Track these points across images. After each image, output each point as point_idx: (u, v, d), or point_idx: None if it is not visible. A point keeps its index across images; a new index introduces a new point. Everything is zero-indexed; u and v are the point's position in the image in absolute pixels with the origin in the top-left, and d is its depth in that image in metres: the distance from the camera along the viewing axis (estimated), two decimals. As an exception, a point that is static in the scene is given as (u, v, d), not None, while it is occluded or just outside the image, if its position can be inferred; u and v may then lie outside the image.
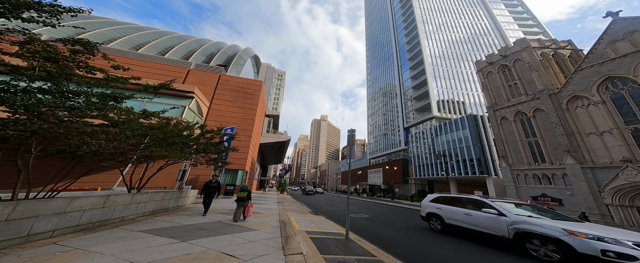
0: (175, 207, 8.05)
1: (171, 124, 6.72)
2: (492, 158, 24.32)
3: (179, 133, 6.84)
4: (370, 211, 12.91)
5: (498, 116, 22.14)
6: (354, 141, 6.22)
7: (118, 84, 4.79)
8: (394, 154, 49.08)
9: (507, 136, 20.91)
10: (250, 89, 26.34)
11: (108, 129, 4.71)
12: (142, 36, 34.44)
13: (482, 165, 23.67)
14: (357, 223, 8.67)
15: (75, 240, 3.63)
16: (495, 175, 23.38)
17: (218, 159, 9.15)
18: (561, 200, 16.03)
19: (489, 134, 25.94)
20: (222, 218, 6.72)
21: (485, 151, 24.68)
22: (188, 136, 7.34)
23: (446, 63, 47.55)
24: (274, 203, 14.45)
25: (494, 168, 23.76)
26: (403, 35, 58.61)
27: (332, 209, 14.21)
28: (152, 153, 5.49)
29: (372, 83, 72.40)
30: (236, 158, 22.04)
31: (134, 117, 5.36)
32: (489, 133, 26.05)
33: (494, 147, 25.21)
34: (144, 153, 5.47)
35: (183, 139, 7.01)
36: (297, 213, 10.26)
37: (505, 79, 23.13)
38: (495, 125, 21.91)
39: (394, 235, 6.93)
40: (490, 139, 25.65)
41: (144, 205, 6.12)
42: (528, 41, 22.39)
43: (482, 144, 25.18)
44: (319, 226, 7.05)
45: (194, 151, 7.64)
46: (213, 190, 7.23)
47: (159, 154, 5.64)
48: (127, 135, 4.92)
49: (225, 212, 8.13)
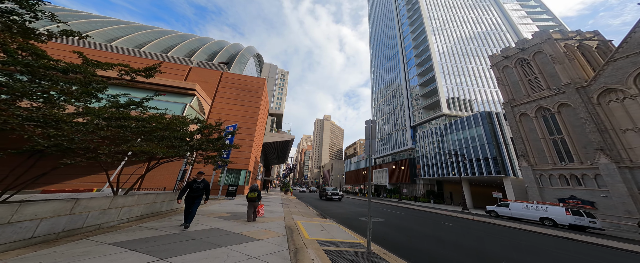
0: (169, 211, 7.17)
1: (165, 118, 5.85)
2: (509, 157, 22.71)
3: (170, 127, 5.95)
4: (383, 214, 11.82)
5: (516, 112, 20.63)
6: (373, 133, 5.19)
7: (82, 74, 3.90)
8: (400, 154, 47.61)
9: (527, 133, 19.40)
10: (253, 87, 25.61)
11: (73, 119, 3.81)
12: (144, 35, 34.25)
13: (499, 164, 22.11)
14: (373, 229, 7.64)
15: (12, 260, 2.72)
16: (513, 175, 21.79)
17: (217, 157, 8.24)
18: (594, 202, 14.52)
19: (505, 132, 24.30)
20: (220, 224, 5.78)
21: (502, 149, 23.07)
22: (183, 131, 6.42)
23: (455, 60, 45.83)
24: (278, 204, 13.52)
25: (512, 168, 22.17)
26: (409, 32, 57.08)
27: (341, 211, 13.18)
28: (130, 148, 4.56)
29: (376, 82, 70.97)
30: (239, 157, 21.30)
31: (108, 105, 4.48)
32: (506, 130, 24.41)
33: (512, 145, 23.59)
34: (122, 148, 4.55)
35: (175, 134, 6.11)
36: (304, 217, 9.28)
37: (524, 74, 21.60)
38: (514, 122, 20.40)
39: (424, 245, 5.87)
40: (507, 137, 24.02)
41: (129, 209, 5.23)
42: (549, 33, 20.82)
43: (498, 143, 23.56)
44: (331, 234, 6.04)
45: (188, 148, 6.68)
46: (198, 194, 5.26)
47: (140, 150, 4.71)
48: (100, 126, 4.05)
49: (225, 216, 7.21)
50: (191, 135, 6.80)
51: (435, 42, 48.42)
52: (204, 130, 7.64)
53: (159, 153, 5.19)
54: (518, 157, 19.51)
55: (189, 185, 5.30)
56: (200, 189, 5.34)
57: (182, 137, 6.46)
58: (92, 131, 4.06)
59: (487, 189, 32.30)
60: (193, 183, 5.32)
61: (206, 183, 5.44)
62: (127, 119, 4.77)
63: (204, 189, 5.41)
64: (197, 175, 5.48)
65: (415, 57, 51.07)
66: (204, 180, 5.48)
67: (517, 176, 21.78)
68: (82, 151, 4.02)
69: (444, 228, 8.91)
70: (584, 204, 14.67)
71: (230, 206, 10.55)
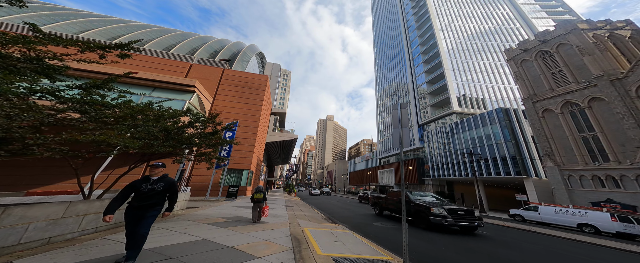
0: (155, 215, 6.13)
1: (132, 103, 4.79)
2: (530, 156, 20.99)
3: (150, 116, 4.91)
4: (397, 219, 10.56)
5: (539, 108, 19.02)
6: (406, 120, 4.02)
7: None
8: (408, 154, 46.03)
9: (552, 130, 17.78)
10: (255, 84, 24.73)
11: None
12: (146, 33, 33.94)
13: (519, 164, 20.43)
14: (395, 238, 6.40)
15: None
16: (536, 176, 20.11)
17: (211, 154, 7.16)
18: (636, 207, 12.88)
19: (525, 130, 22.56)
20: (211, 234, 4.69)
21: (522, 148, 21.35)
22: (163, 122, 5.36)
23: (465, 56, 44.05)
24: (282, 207, 12.43)
25: (534, 168, 20.47)
26: (414, 29, 55.54)
27: (349, 214, 11.98)
28: (73, 136, 3.50)
29: (381, 80, 69.44)
30: (241, 157, 20.37)
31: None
32: (525, 128, 22.68)
33: (533, 144, 21.88)
34: (63, 137, 3.45)
35: (155, 123, 5.04)
36: (311, 221, 8.15)
37: (547, 67, 19.98)
38: (536, 119, 18.81)
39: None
40: (527, 135, 22.27)
41: (97, 217, 4.20)
42: (575, 23, 19.17)
43: (518, 141, 21.84)
44: (348, 247, 4.87)
45: (173, 143, 5.59)
46: (151, 202, 2.99)
47: (91, 140, 3.62)
48: (28, 107, 3.02)
49: (220, 222, 6.12)
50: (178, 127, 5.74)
51: (443, 39, 46.79)
52: (195, 123, 6.59)
53: (123, 145, 4.05)
54: (542, 156, 17.91)
55: (132, 187, 2.99)
56: (154, 194, 2.95)
57: (165, 129, 5.40)
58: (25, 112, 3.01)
59: (504, 191, 30.48)
60: (141, 184, 2.98)
61: (169, 184, 3.13)
62: (77, 102, 3.72)
63: (162, 193, 3.04)
64: (150, 170, 3.07)
65: (422, 53, 49.48)
66: (165, 177, 3.16)
67: (540, 177, 20.09)
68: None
69: (479, 237, 7.59)
70: (624, 208, 13.04)
71: (230, 209, 9.50)
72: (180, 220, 6.05)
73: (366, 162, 66.33)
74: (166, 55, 28.04)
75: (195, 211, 8.14)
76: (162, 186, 3.06)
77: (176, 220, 6.11)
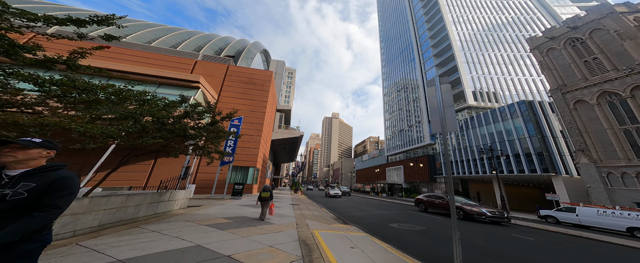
0: (150, 216, 5.56)
1: (113, 86, 4.14)
2: (559, 152, 19.14)
3: (137, 104, 4.25)
4: (416, 220, 9.58)
5: (570, 99, 17.21)
6: (449, 98, 3.11)
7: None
8: (417, 151, 44.34)
9: (586, 123, 16.00)
10: (260, 80, 24.22)
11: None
12: (152, 32, 34.24)
13: (546, 160, 18.66)
14: (420, 243, 5.48)
15: None
16: (566, 174, 18.31)
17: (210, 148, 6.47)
18: (693, 209, 11.17)
19: (552, 123, 20.61)
20: (208, 238, 4.00)
21: (549, 143, 19.48)
22: (152, 108, 4.69)
23: (480, 48, 41.59)
24: (288, 205, 11.76)
25: (564, 165, 18.65)
26: (423, 22, 53.22)
27: (361, 214, 11.12)
28: (32, 120, 2.83)
29: (387, 77, 67.42)
30: (246, 154, 19.97)
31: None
32: (552, 121, 20.72)
33: (562, 138, 19.97)
34: (16, 119, 2.79)
35: (137, 110, 4.36)
36: (320, 222, 7.38)
37: (578, 55, 18.05)
38: (567, 111, 17.03)
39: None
40: (555, 129, 20.33)
41: (74, 218, 3.59)
42: (611, 6, 17.13)
43: (544, 136, 19.94)
44: (368, 255, 4.04)
45: (167, 134, 4.91)
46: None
47: (43, 123, 2.93)
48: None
49: (221, 223, 5.46)
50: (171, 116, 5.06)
51: (455, 31, 44.49)
52: (193, 114, 5.91)
53: (80, 130, 3.32)
54: (574, 152, 16.20)
55: None
56: (8, 201, 1.18)
57: (153, 115, 4.72)
58: None
59: (526, 189, 28.47)
60: None
61: (50, 182, 1.29)
62: (38, 82, 3.06)
63: (25, 204, 1.21)
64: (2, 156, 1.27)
65: (432, 47, 47.28)
66: (46, 170, 1.35)
67: (571, 175, 18.29)
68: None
69: (525, 243, 6.45)
70: (679, 211, 11.34)
71: (234, 207, 8.91)
72: (177, 221, 5.43)
73: (373, 160, 64.96)
74: (172, 52, 28.05)
75: (196, 210, 7.57)
76: (27, 188, 1.24)
77: (173, 220, 5.50)
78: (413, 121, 47.39)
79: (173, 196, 6.55)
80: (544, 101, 22.12)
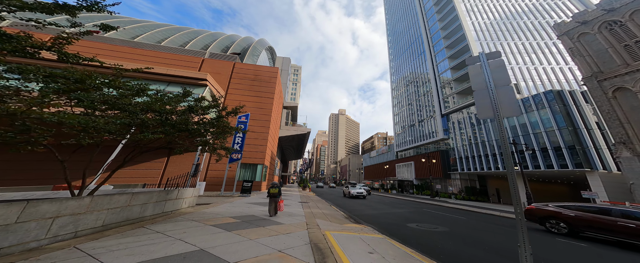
0: (157, 215, 5.40)
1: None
2: (595, 145, 17.31)
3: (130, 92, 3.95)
4: (436, 219, 8.94)
5: (608, 87, 15.41)
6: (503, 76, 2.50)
7: None
8: (429, 146, 42.67)
9: (627, 113, 14.27)
10: (266, 76, 23.97)
11: None
12: (162, 32, 34.94)
13: (580, 155, 16.92)
14: (446, 245, 4.79)
15: None
16: (603, 169, 16.60)
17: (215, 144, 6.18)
18: None
19: (586, 114, 18.61)
20: (213, 241, 3.69)
21: (583, 136, 17.60)
22: (169, 106, 4.40)
23: (498, 37, 38.79)
24: (297, 203, 11.49)
25: (601, 160, 16.87)
26: (434, 12, 50.34)
27: (374, 212, 10.62)
28: (30, 111, 2.52)
29: (396, 71, 65.00)
30: (254, 151, 19.94)
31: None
32: (586, 112, 18.70)
33: (598, 131, 18.03)
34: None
35: (126, 102, 4.05)
36: (331, 222, 6.98)
37: (616, 39, 16.07)
38: (604, 100, 15.27)
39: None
40: (589, 121, 18.36)
41: (75, 219, 3.40)
42: None
43: (577, 128, 18.07)
44: (390, 262, 3.57)
45: (170, 129, 4.62)
46: None
47: (22, 113, 2.63)
48: None
49: (229, 223, 5.19)
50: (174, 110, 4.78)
51: (469, 21, 41.76)
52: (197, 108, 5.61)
53: (53, 120, 2.97)
54: (613, 145, 14.54)
55: None
56: None
57: (150, 108, 4.43)
58: None
59: (551, 186, 26.50)
60: None
61: None
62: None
63: None
64: None
65: (443, 38, 44.72)
66: None
67: (609, 170, 16.54)
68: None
69: (581, 250, 5.02)
70: None
71: (242, 206, 8.72)
72: (184, 220, 5.23)
73: (382, 156, 63.65)
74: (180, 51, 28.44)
75: (205, 208, 7.43)
76: None
77: (179, 220, 5.30)
78: (424, 115, 45.55)
79: (181, 194, 6.39)
80: (575, 90, 20.00)
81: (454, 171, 31.79)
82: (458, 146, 31.29)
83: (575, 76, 31.97)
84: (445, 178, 34.08)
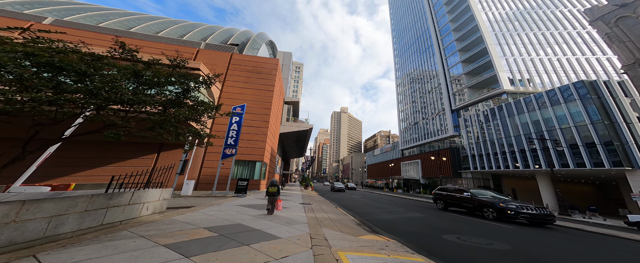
0: (89, 229, 3.70)
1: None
2: (636, 142, 15.17)
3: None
4: (474, 228, 7.07)
5: (656, 71, 13.30)
6: None
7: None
8: (437, 143, 40.56)
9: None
10: (266, 69, 22.31)
11: None
12: (157, 24, 33.51)
13: (619, 152, 14.81)
14: None
15: None
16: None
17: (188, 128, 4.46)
18: None
19: (625, 108, 16.37)
20: None
21: (622, 132, 15.39)
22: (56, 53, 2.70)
23: (515, 28, 36.41)
24: (299, 205, 9.76)
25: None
26: (442, 4, 47.95)
27: (389, 217, 8.84)
28: None
29: (401, 66, 62.72)
30: (252, 147, 18.31)
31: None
32: (625, 104, 16.47)
33: (639, 125, 15.90)
34: None
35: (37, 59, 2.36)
36: (342, 230, 5.22)
37: (665, 14, 13.89)
38: (652, 86, 13.18)
39: None
40: (628, 114, 16.18)
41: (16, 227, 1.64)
42: None
43: (615, 122, 15.91)
44: None
45: (87, 98, 2.87)
46: None
47: None
48: None
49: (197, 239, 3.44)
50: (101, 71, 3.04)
51: (482, 11, 39.47)
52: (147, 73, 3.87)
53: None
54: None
55: None
56: None
57: (77, 70, 2.71)
58: None
59: (577, 186, 24.22)
60: None
61: None
62: None
63: None
64: None
65: (453, 31, 42.44)
66: None
67: None
68: None
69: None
70: None
71: (231, 209, 7.00)
72: (126, 238, 3.51)
73: (386, 154, 61.72)
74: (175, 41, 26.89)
75: (178, 214, 5.73)
76: None
77: (121, 236, 3.59)
78: (433, 111, 43.42)
79: (138, 198, 4.68)
80: (611, 81, 17.76)
81: (466, 170, 29.76)
82: (470, 143, 29.22)
83: (603, 67, 29.51)
84: (455, 177, 32.07)
